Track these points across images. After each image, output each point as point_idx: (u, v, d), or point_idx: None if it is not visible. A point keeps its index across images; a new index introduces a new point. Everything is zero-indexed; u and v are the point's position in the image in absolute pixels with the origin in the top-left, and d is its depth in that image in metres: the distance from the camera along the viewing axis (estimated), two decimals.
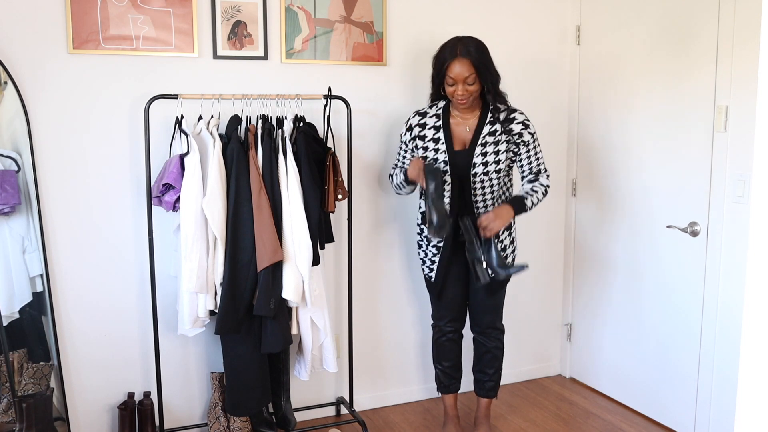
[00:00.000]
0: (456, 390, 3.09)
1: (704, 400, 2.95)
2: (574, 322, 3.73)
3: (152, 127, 2.81)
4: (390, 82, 3.25)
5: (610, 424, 3.24)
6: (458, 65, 2.63)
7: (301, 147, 2.78)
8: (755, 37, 2.63)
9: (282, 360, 3.01)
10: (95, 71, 2.77)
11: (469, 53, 2.62)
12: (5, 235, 2.69)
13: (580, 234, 3.65)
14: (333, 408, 3.36)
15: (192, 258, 2.64)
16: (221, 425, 2.93)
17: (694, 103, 2.91)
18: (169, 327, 2.97)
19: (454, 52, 2.64)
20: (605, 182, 3.43)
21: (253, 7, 2.94)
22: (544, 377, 3.80)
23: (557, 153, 3.66)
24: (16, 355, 2.74)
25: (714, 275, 2.86)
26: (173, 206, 2.68)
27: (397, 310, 3.43)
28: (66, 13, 2.69)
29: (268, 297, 2.67)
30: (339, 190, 2.90)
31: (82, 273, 2.84)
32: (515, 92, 3.51)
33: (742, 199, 2.72)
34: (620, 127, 3.32)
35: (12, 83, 2.64)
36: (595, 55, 3.45)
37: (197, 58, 2.90)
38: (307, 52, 3.06)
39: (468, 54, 2.62)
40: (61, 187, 2.77)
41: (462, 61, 2.62)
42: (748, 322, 1.22)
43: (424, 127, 2.80)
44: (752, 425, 1.22)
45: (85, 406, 2.91)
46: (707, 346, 2.92)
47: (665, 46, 3.04)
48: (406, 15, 3.24)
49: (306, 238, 2.72)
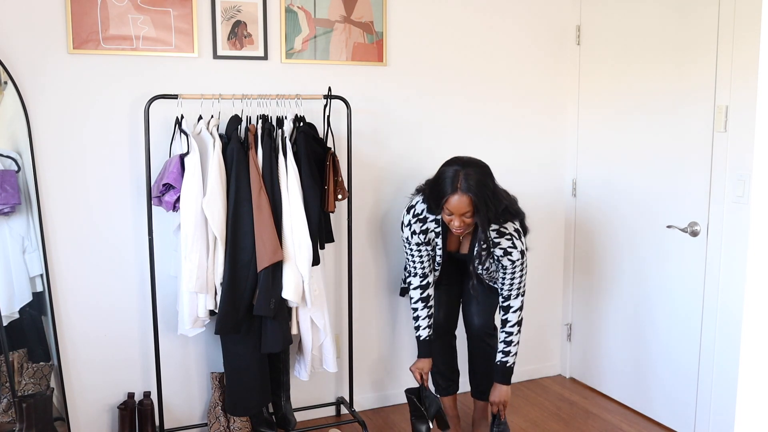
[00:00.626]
0: (454, 392, 3.09)
1: (704, 400, 2.95)
2: (574, 322, 3.73)
3: (152, 127, 2.81)
4: (390, 82, 3.25)
5: (610, 424, 3.24)
6: (457, 200, 2.53)
7: (301, 147, 2.78)
8: (755, 37, 2.63)
9: (282, 360, 3.01)
10: (95, 71, 2.77)
11: (469, 188, 2.51)
12: (5, 235, 2.69)
13: (580, 234, 3.65)
14: (333, 408, 3.36)
15: (192, 258, 2.64)
16: (221, 425, 2.93)
17: (694, 103, 2.91)
18: (169, 327, 2.97)
19: (454, 185, 2.53)
20: (605, 182, 3.43)
21: (253, 7, 2.94)
22: (544, 377, 3.80)
23: (557, 153, 3.66)
24: (16, 355, 2.74)
25: (714, 275, 2.86)
26: (173, 206, 2.68)
27: (398, 310, 3.43)
28: (66, 13, 2.69)
29: (268, 297, 2.67)
30: (339, 190, 2.90)
31: (82, 273, 2.84)
32: (515, 92, 3.52)
33: (742, 199, 2.72)
34: (620, 126, 3.32)
35: (12, 83, 2.64)
36: (595, 55, 3.45)
37: (197, 58, 2.90)
38: (307, 52, 3.06)
39: (468, 189, 2.51)
40: (61, 187, 2.77)
41: (461, 198, 2.52)
42: (748, 322, 1.22)
43: (425, 221, 2.76)
44: (752, 425, 1.22)
45: (85, 406, 2.91)
46: (707, 346, 2.92)
47: (665, 46, 3.04)
48: (406, 15, 3.24)
49: (306, 238, 2.72)
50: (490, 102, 3.47)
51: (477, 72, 3.42)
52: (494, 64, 3.45)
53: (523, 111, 3.56)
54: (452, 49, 3.35)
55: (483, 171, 2.58)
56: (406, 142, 3.31)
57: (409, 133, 3.31)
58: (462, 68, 3.38)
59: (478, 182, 2.52)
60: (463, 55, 3.38)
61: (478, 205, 2.52)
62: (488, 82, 3.45)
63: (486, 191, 2.54)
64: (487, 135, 3.49)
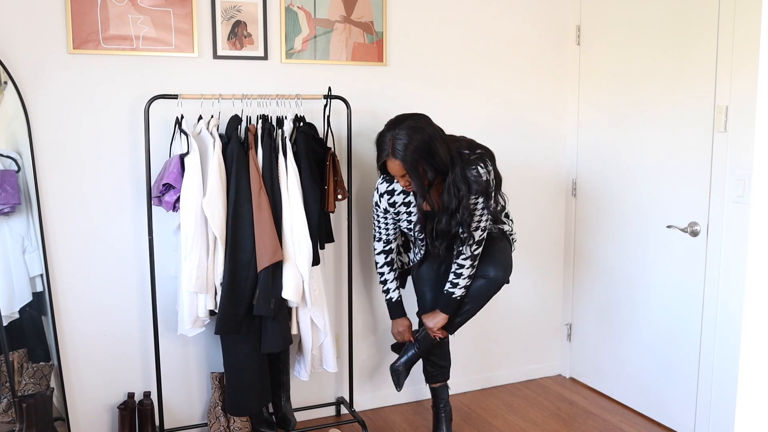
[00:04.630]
0: (444, 380, 3.06)
1: (704, 400, 2.95)
2: (574, 322, 3.73)
3: (152, 127, 2.81)
4: (390, 82, 3.25)
5: (610, 424, 3.24)
6: (390, 165, 2.55)
7: (301, 147, 2.78)
8: (755, 37, 2.63)
9: (282, 360, 3.01)
10: (95, 71, 2.77)
11: (395, 153, 2.50)
12: (5, 235, 2.69)
13: (580, 234, 3.65)
14: (333, 408, 3.36)
15: (192, 258, 2.64)
16: (221, 425, 2.94)
17: (694, 103, 2.91)
18: (169, 327, 2.97)
19: (385, 150, 2.54)
20: (605, 182, 3.43)
21: (253, 7, 2.94)
22: (544, 377, 3.80)
23: (557, 154, 3.66)
24: (16, 355, 2.74)
25: (714, 275, 2.86)
26: (173, 206, 2.68)
27: None
28: (66, 13, 2.69)
29: (268, 297, 2.67)
30: (339, 190, 2.90)
31: (82, 273, 2.84)
32: (515, 92, 3.52)
33: (742, 199, 2.72)
34: (620, 126, 3.32)
35: (12, 83, 2.64)
36: (595, 55, 3.45)
37: (197, 58, 2.90)
38: (307, 52, 3.06)
39: (395, 154, 2.50)
40: (61, 187, 2.77)
41: (393, 162, 2.53)
42: (748, 322, 1.22)
43: (393, 194, 2.75)
44: (752, 425, 1.22)
45: (85, 406, 2.91)
46: (707, 346, 2.92)
47: (665, 46, 3.04)
48: (406, 15, 3.24)
49: (306, 238, 2.72)
50: (490, 101, 3.47)
51: (477, 72, 3.42)
52: (494, 63, 3.45)
53: (523, 111, 3.56)
54: (452, 48, 3.35)
55: (413, 130, 2.51)
56: None
57: None
58: (462, 68, 3.38)
59: (406, 145, 2.49)
60: (463, 55, 3.38)
61: (409, 168, 2.51)
62: (488, 81, 3.45)
63: (417, 152, 2.48)
64: (488, 134, 3.48)
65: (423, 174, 2.52)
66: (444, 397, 3.07)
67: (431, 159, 2.52)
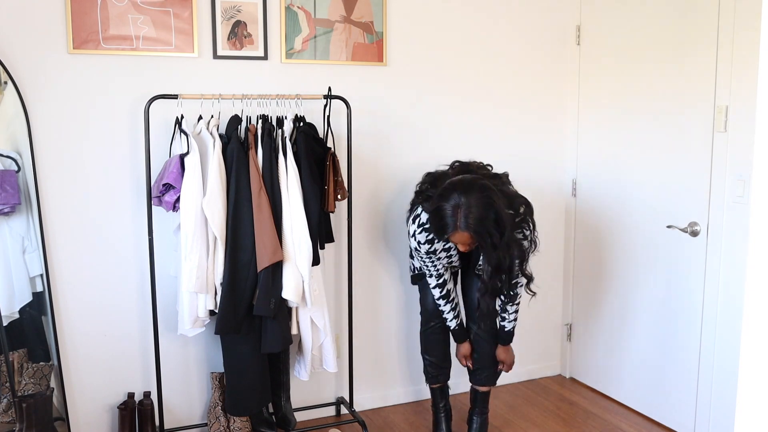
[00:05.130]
0: (444, 380, 3.08)
1: (704, 400, 2.95)
2: (574, 322, 3.73)
3: (152, 127, 2.81)
4: (390, 82, 3.25)
5: (610, 424, 3.24)
6: (459, 236, 2.49)
7: (301, 147, 2.78)
8: (755, 38, 2.63)
9: (282, 360, 3.02)
10: (95, 71, 2.77)
11: (468, 226, 2.44)
12: (5, 235, 2.69)
13: (580, 234, 3.65)
14: (333, 408, 3.36)
15: (192, 258, 2.64)
16: (221, 425, 2.94)
17: (694, 103, 2.91)
18: (169, 327, 2.97)
19: (454, 224, 2.45)
20: (605, 182, 3.43)
21: (253, 7, 2.94)
22: (544, 377, 3.80)
23: (557, 153, 3.66)
24: (16, 355, 2.74)
25: (714, 275, 2.86)
26: (173, 206, 2.68)
27: (397, 310, 3.43)
28: (66, 13, 2.69)
29: (268, 297, 2.67)
30: (339, 190, 2.90)
31: (82, 273, 2.84)
32: (515, 92, 3.52)
33: (742, 199, 2.72)
34: (620, 126, 3.32)
35: (12, 83, 2.64)
36: (595, 55, 3.45)
37: (197, 58, 2.90)
38: (307, 52, 3.06)
39: (467, 228, 2.44)
40: (61, 187, 2.77)
41: (463, 234, 2.47)
42: (748, 322, 1.22)
43: (433, 243, 2.73)
44: (752, 425, 1.22)
45: (85, 406, 2.91)
46: (707, 345, 2.92)
47: (665, 46, 3.04)
48: (406, 15, 3.24)
49: (306, 238, 2.72)
50: (490, 101, 3.47)
51: (477, 72, 3.42)
52: (494, 63, 3.45)
53: (522, 111, 3.56)
54: (452, 49, 3.35)
55: (483, 200, 2.46)
56: (406, 142, 3.31)
57: (409, 132, 3.31)
58: (462, 68, 3.38)
59: (477, 218, 2.43)
60: (463, 55, 3.38)
61: (480, 238, 2.49)
62: (488, 81, 3.45)
63: (487, 224, 2.45)
64: (487, 134, 3.49)
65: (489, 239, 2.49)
66: (444, 397, 3.08)
67: (499, 228, 2.48)
